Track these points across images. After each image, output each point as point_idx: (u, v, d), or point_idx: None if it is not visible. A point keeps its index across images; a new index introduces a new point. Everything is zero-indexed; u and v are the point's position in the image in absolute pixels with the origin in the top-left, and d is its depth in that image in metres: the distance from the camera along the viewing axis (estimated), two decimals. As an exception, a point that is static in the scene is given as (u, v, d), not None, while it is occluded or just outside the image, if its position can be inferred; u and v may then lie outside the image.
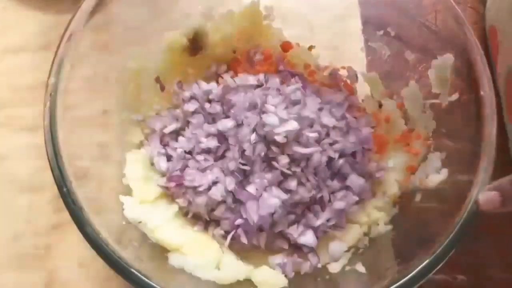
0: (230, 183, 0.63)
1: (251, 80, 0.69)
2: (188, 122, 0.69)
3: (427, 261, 0.51)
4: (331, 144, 0.65)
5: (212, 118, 0.68)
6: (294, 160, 0.63)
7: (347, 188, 0.65)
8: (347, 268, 0.62)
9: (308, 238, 0.64)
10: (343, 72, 0.74)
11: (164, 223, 0.63)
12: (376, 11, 0.73)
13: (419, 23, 0.66)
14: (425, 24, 0.66)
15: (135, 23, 0.69)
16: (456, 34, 0.60)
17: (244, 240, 0.63)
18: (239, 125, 0.65)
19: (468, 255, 0.68)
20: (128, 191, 0.64)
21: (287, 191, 0.63)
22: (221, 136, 0.65)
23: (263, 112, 0.64)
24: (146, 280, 0.51)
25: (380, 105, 0.71)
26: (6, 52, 0.83)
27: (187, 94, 0.70)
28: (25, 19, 0.84)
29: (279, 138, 0.61)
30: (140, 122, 0.69)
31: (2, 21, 0.85)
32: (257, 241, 0.64)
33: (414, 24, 0.67)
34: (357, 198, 0.65)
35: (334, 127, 0.67)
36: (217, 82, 0.72)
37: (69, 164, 0.55)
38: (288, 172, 0.62)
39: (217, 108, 0.68)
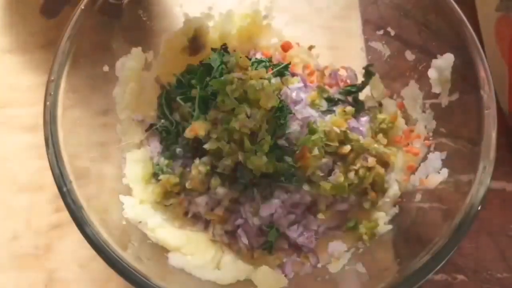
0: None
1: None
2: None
3: (427, 261, 0.51)
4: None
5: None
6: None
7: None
8: (347, 268, 0.62)
9: (307, 239, 0.64)
10: (343, 72, 0.74)
11: (164, 223, 0.63)
12: (376, 11, 0.73)
13: (419, 23, 0.66)
14: (425, 24, 0.66)
15: (135, 23, 0.69)
16: (456, 34, 0.60)
17: (244, 240, 0.63)
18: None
19: (468, 255, 0.68)
20: (128, 191, 0.64)
21: (287, 191, 0.63)
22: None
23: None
24: (146, 280, 0.51)
25: (380, 105, 0.71)
26: (6, 52, 0.83)
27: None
28: (25, 19, 0.84)
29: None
30: (140, 122, 0.69)
31: (2, 21, 0.85)
32: (257, 241, 0.64)
33: (414, 24, 0.67)
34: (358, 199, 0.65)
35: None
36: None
37: (69, 164, 0.55)
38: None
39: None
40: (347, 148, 0.64)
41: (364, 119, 0.70)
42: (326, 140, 0.63)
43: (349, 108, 0.68)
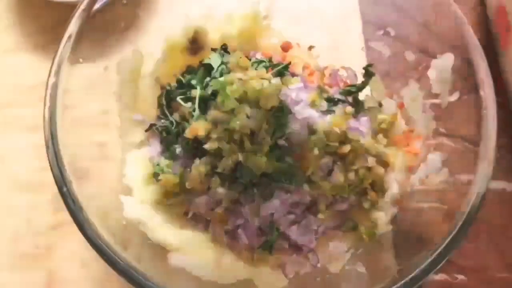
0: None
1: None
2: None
3: (427, 261, 0.51)
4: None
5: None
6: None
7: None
8: (347, 268, 0.62)
9: (307, 239, 0.64)
10: (343, 72, 0.74)
11: (164, 223, 0.63)
12: (376, 11, 0.73)
13: (419, 23, 0.66)
14: (425, 24, 0.66)
15: (135, 23, 0.69)
16: (456, 34, 0.60)
17: (244, 240, 0.63)
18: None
19: (468, 255, 0.68)
20: (128, 191, 0.64)
21: (287, 191, 0.63)
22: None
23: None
24: (146, 280, 0.51)
25: (380, 105, 0.71)
26: (6, 52, 0.83)
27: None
28: (25, 19, 0.84)
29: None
30: (140, 122, 0.69)
31: (2, 21, 0.85)
32: (257, 241, 0.64)
33: (414, 24, 0.67)
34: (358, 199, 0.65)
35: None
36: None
37: (69, 164, 0.55)
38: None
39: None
40: (347, 148, 0.64)
41: (364, 119, 0.70)
42: (326, 140, 0.63)
43: (349, 108, 0.68)
